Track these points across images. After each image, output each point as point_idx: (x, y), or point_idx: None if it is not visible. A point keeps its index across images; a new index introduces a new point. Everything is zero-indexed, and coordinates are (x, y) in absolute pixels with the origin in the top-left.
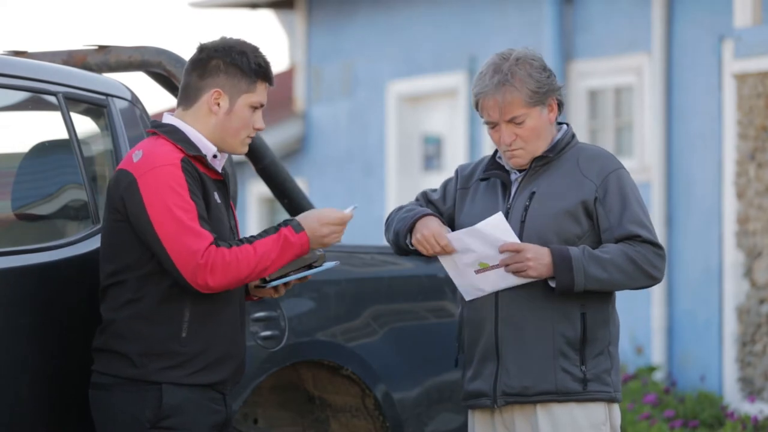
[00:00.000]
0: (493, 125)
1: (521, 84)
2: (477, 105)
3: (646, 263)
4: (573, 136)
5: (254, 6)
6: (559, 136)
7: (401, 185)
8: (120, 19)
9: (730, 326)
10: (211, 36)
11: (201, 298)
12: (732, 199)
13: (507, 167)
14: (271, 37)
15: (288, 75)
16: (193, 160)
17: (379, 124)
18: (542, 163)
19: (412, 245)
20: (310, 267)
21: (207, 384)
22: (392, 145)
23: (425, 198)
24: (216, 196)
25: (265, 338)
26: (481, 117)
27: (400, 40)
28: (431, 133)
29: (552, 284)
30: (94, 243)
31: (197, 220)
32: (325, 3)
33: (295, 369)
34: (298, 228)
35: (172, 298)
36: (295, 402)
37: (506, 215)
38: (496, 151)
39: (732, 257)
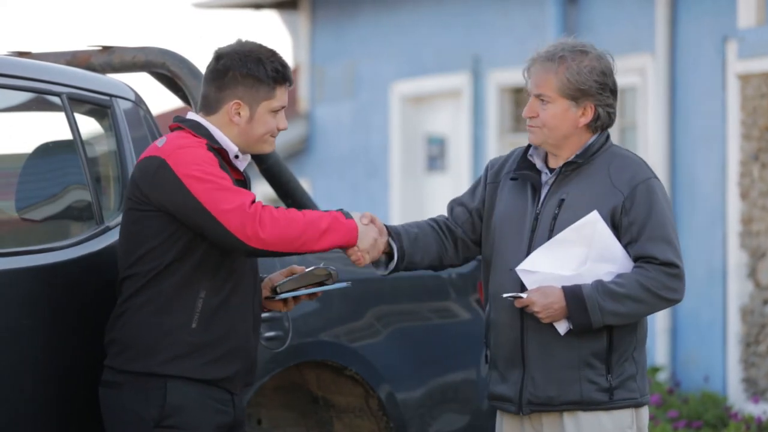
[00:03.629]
0: (528, 95)
1: (563, 70)
2: (525, 74)
3: (662, 288)
4: (607, 138)
5: (258, 6)
6: (591, 140)
7: (405, 186)
8: (124, 19)
9: (734, 327)
10: (213, 37)
11: (215, 290)
12: (736, 200)
13: (538, 166)
14: (275, 37)
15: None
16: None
17: (382, 125)
18: (572, 168)
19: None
20: (320, 284)
21: (214, 379)
22: (396, 146)
23: (451, 205)
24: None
25: (269, 339)
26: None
27: (403, 41)
28: (435, 134)
29: (569, 325)
30: (99, 243)
31: (233, 185)
32: (329, 3)
33: (299, 369)
34: (348, 215)
35: (186, 289)
36: (299, 402)
37: (535, 221)
38: (527, 147)
39: (736, 258)
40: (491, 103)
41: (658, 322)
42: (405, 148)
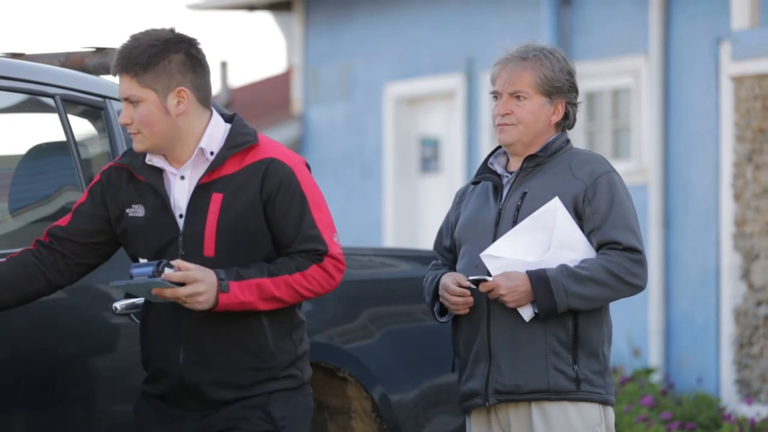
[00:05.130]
0: (497, 97)
1: (539, 66)
2: (492, 76)
3: (626, 273)
4: (567, 141)
5: (252, 8)
6: (552, 137)
7: (399, 187)
8: (118, 20)
9: (728, 328)
10: (209, 38)
11: (145, 309)
12: (729, 201)
13: (499, 171)
14: (269, 39)
15: (285, 77)
16: (124, 166)
17: (376, 126)
18: (534, 164)
19: (442, 320)
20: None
21: (154, 395)
22: (390, 147)
23: (440, 252)
24: (138, 209)
25: None
26: (491, 89)
27: (398, 42)
28: (429, 136)
29: (535, 310)
30: None
31: (68, 214)
32: (323, 5)
33: None
34: None
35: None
36: None
37: (498, 216)
38: (488, 157)
39: (729, 259)
40: (485, 105)
41: (652, 323)
42: (399, 150)
